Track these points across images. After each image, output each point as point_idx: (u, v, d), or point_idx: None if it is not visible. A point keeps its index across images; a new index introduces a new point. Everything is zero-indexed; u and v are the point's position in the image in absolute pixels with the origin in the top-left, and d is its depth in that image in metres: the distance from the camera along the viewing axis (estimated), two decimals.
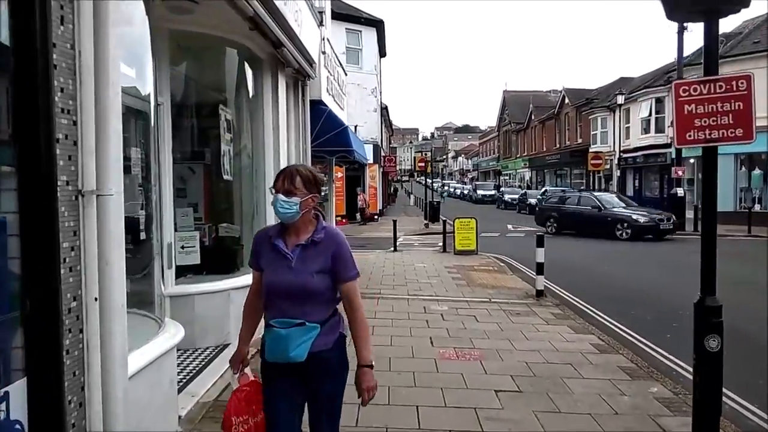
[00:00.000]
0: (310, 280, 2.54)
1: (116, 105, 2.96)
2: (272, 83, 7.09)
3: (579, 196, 22.63)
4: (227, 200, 7.27)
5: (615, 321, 7.92)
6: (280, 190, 2.58)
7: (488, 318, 7.62)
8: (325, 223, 2.69)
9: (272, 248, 2.64)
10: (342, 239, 2.68)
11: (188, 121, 6.92)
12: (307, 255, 2.59)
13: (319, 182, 2.68)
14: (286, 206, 2.57)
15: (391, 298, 8.84)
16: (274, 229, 2.73)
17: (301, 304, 2.55)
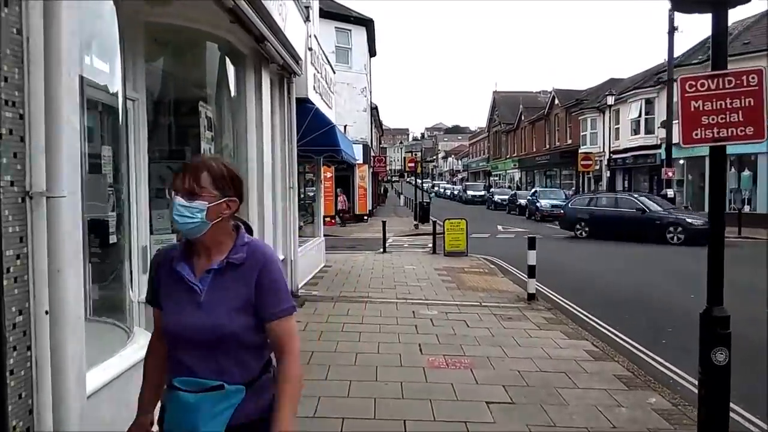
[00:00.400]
0: (226, 320, 1.80)
1: (72, 97, 2.68)
2: (255, 79, 6.82)
3: (616, 197, 21.34)
4: None
5: (607, 325, 7.72)
6: (180, 190, 1.83)
7: (479, 323, 7.38)
8: (249, 237, 1.96)
9: (174, 275, 1.88)
10: (270, 257, 1.93)
11: (167, 118, 6.62)
12: (223, 284, 1.85)
13: (238, 181, 1.94)
14: (187, 214, 1.81)
15: (380, 301, 8.58)
16: (178, 248, 1.98)
17: (217, 356, 1.82)
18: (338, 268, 12.30)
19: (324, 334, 6.57)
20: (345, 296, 8.93)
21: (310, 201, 12.97)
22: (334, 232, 22.58)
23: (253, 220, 6.83)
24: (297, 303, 8.27)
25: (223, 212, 1.86)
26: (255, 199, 6.84)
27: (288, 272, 8.47)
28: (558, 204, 29.50)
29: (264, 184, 6.95)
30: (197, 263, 1.90)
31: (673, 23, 21.87)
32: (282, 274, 1.97)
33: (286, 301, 1.91)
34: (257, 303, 1.84)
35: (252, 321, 1.85)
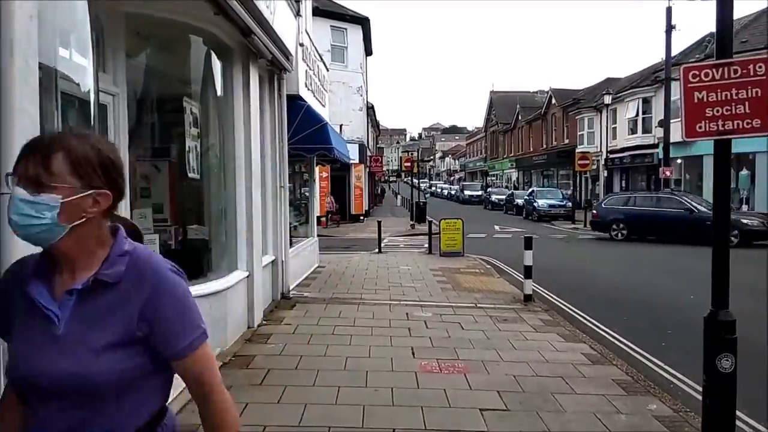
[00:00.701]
0: (92, 364, 1.28)
1: (30, 87, 2.49)
2: (243, 75, 6.62)
3: (658, 197, 20.34)
4: (195, 201, 6.78)
5: (605, 328, 7.54)
6: (22, 179, 1.27)
7: (474, 325, 7.19)
8: (132, 245, 1.42)
9: (25, 299, 1.34)
10: (163, 272, 1.40)
11: (151, 115, 6.42)
12: (92, 311, 1.32)
13: (114, 167, 1.38)
14: (31, 213, 1.26)
15: (372, 303, 8.39)
16: (33, 259, 1.41)
17: (84, 409, 1.31)
18: (332, 268, 12.10)
19: (314, 338, 6.37)
20: (337, 298, 8.73)
21: (305, 201, 12.75)
22: (329, 232, 22.38)
23: (241, 220, 6.63)
24: (288, 305, 8.07)
25: (88, 210, 1.31)
26: (243, 199, 6.64)
27: (279, 273, 8.28)
28: (555, 204, 29.38)
29: (252, 183, 6.75)
30: (58, 282, 1.35)
31: (671, 21, 21.71)
32: (185, 289, 1.45)
33: (196, 326, 1.44)
34: (153, 337, 1.34)
35: (135, 361, 1.33)
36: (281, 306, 7.98)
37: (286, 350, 5.90)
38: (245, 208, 6.67)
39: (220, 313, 5.81)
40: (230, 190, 6.59)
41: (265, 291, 7.63)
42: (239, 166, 6.58)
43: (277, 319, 7.23)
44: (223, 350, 5.76)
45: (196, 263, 6.21)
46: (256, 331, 6.59)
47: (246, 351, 5.85)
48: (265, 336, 6.40)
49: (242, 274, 6.55)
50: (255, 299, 6.76)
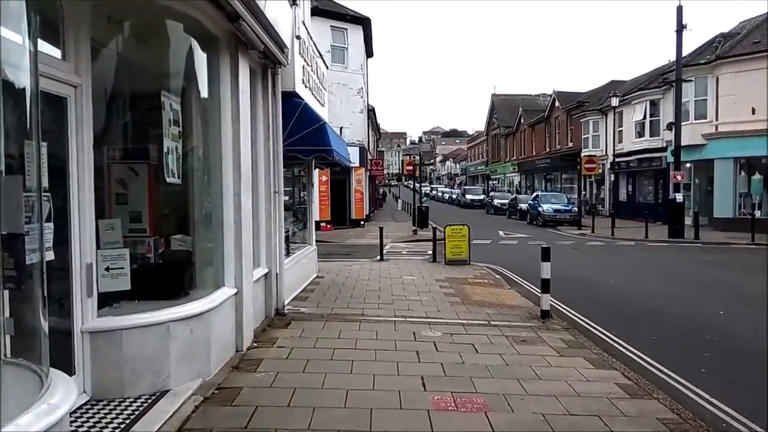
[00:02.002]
0: None
1: None
2: (231, 67, 5.88)
3: None
4: (177, 209, 6.05)
5: (635, 350, 6.80)
6: None
7: (489, 347, 6.44)
8: None
9: None
10: None
11: (127, 112, 5.70)
12: None
13: None
14: None
15: (375, 320, 7.63)
16: None
17: None
18: (331, 278, 11.35)
19: (310, 364, 5.61)
20: (337, 314, 7.97)
21: (305, 206, 12.00)
22: (329, 238, 21.63)
23: (229, 230, 5.89)
24: (282, 322, 7.31)
25: None
26: (231, 206, 5.90)
27: (273, 287, 7.53)
28: (561, 208, 28.62)
29: (242, 188, 6.00)
30: None
31: (682, 21, 20.98)
32: None
33: None
34: None
35: None
36: (275, 324, 7.22)
37: (278, 381, 5.14)
38: (233, 217, 5.93)
39: (202, 338, 5.06)
40: (216, 196, 5.85)
41: (256, 308, 6.88)
42: (226, 169, 5.84)
43: (269, 340, 6.47)
44: (205, 381, 5.01)
45: (177, 280, 5.46)
46: (245, 356, 5.83)
47: (232, 382, 5.09)
48: (254, 362, 5.63)
49: (229, 291, 5.80)
50: (244, 319, 6.01)
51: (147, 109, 5.68)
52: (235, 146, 5.92)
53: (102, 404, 4.39)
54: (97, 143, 5.31)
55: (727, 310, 9.02)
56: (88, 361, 4.44)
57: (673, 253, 17.11)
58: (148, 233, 5.69)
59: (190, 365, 4.91)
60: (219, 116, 5.80)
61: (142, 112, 5.79)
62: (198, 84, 5.76)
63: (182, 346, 4.83)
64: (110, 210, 5.53)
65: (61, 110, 4.24)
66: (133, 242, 5.65)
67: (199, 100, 5.82)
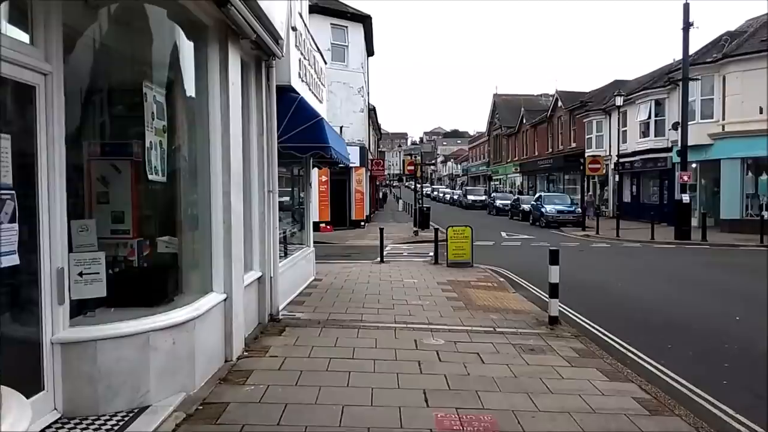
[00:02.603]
0: None
1: None
2: (221, 57, 5.50)
3: None
4: (163, 208, 5.65)
5: (650, 359, 6.40)
6: None
7: (496, 357, 6.04)
8: None
9: None
10: None
11: (109, 104, 5.32)
12: None
13: None
14: None
15: (375, 327, 7.24)
16: None
17: None
18: (329, 281, 10.96)
19: (304, 376, 5.21)
20: (334, 320, 7.58)
21: (302, 207, 11.62)
22: (329, 239, 21.26)
23: (218, 232, 5.50)
24: (276, 329, 6.92)
25: None
26: (220, 206, 5.51)
27: (266, 292, 7.14)
28: (564, 209, 28.21)
29: (232, 187, 5.61)
30: None
31: (689, 18, 20.59)
32: None
33: None
34: None
35: None
36: (268, 331, 6.83)
37: (269, 395, 4.75)
38: (223, 218, 5.54)
39: (186, 349, 4.67)
40: (204, 195, 5.47)
41: (248, 314, 6.49)
42: (215, 166, 5.45)
43: (261, 348, 6.08)
44: (189, 396, 4.62)
45: (160, 285, 5.07)
46: (234, 367, 5.44)
47: (218, 396, 4.70)
48: (244, 374, 5.24)
49: (218, 297, 5.41)
50: (234, 327, 5.62)
51: (130, 102, 5.29)
52: (225, 142, 5.53)
53: (74, 422, 4.01)
54: (75, 138, 4.97)
55: (743, 315, 8.63)
56: (59, 376, 4.06)
57: (681, 256, 16.69)
58: (132, 235, 5.30)
59: (172, 379, 4.53)
60: (207, 110, 5.42)
61: (124, 105, 5.41)
62: (184, 75, 5.38)
63: (164, 358, 4.44)
64: (91, 210, 5.16)
65: (29, 100, 3.85)
66: (115, 244, 5.30)
67: (185, 92, 5.44)
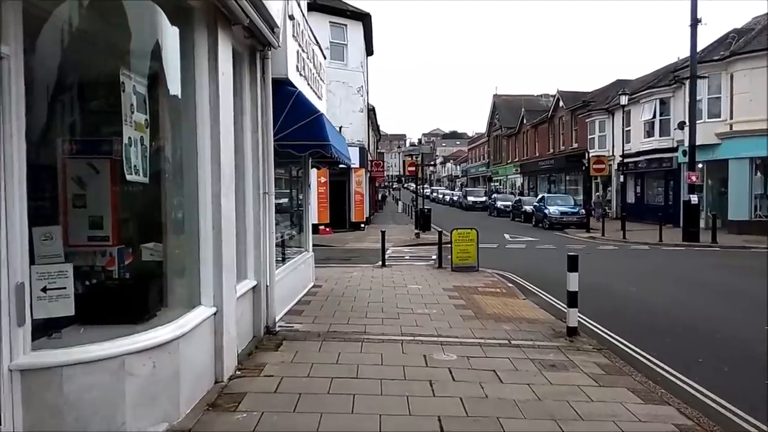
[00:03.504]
0: None
1: None
2: (210, 44, 4.95)
3: None
4: (148, 212, 5.10)
5: (683, 377, 5.85)
6: None
7: (514, 375, 5.48)
8: None
9: None
10: None
11: (84, 95, 4.75)
12: None
13: None
14: None
15: (380, 340, 6.67)
16: None
17: None
18: (329, 288, 10.40)
19: (303, 401, 4.65)
20: (336, 331, 7.02)
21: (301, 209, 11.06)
22: (328, 241, 20.70)
23: (207, 238, 4.94)
24: (273, 343, 6.36)
25: None
26: (209, 210, 4.95)
27: (262, 302, 6.58)
28: (568, 211, 27.67)
29: (222, 189, 5.06)
30: None
31: (696, 14, 20.06)
32: None
33: None
34: None
35: None
36: (264, 345, 6.27)
37: (263, 424, 4.18)
38: (212, 222, 4.98)
39: (169, 373, 4.11)
40: (191, 198, 4.91)
41: (242, 327, 5.94)
42: (203, 165, 4.90)
43: (256, 367, 5.51)
44: (173, 426, 4.06)
45: (140, 299, 4.50)
46: (225, 389, 4.88)
47: (205, 426, 4.14)
48: (235, 397, 4.68)
49: (207, 311, 4.85)
50: (225, 343, 5.06)
51: (109, 94, 4.71)
52: (214, 138, 4.98)
53: None
54: (44, 133, 4.44)
55: None
56: (19, 407, 3.49)
57: (692, 258, 16.15)
58: (111, 241, 4.75)
59: (152, 407, 3.96)
60: (194, 102, 4.87)
61: (103, 97, 4.84)
62: (168, 64, 4.83)
63: (142, 383, 3.87)
64: (65, 215, 4.62)
65: None
66: (92, 253, 4.76)
67: (170, 83, 4.88)
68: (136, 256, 5.00)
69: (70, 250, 4.65)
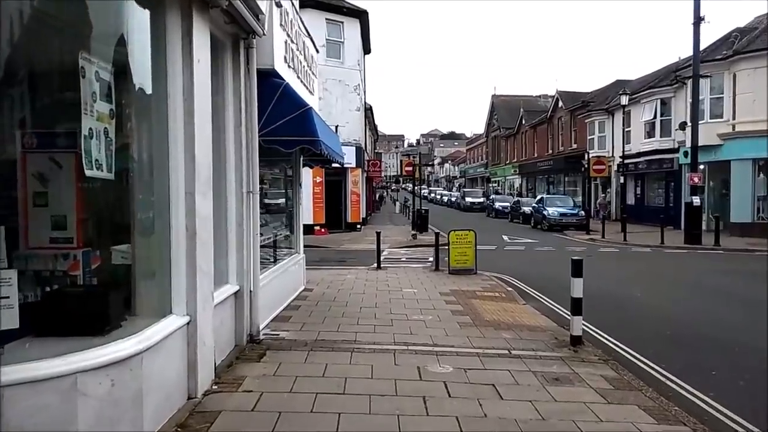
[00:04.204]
0: None
1: None
2: (184, 27, 4.52)
3: None
4: (116, 211, 4.66)
5: (698, 392, 5.42)
6: None
7: (516, 390, 5.06)
8: None
9: None
10: None
11: (45, 84, 4.32)
12: None
13: None
14: None
15: (371, 349, 6.24)
16: None
17: None
18: (321, 292, 9.96)
19: (283, 420, 4.22)
20: (324, 340, 6.58)
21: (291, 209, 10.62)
22: (323, 242, 20.28)
23: (179, 240, 4.51)
24: (255, 353, 5.92)
25: None
26: (182, 209, 4.52)
27: (245, 308, 6.14)
28: (567, 212, 27.28)
29: (197, 187, 4.62)
30: None
31: (699, 12, 19.68)
32: None
33: None
34: None
35: None
36: (246, 355, 5.83)
37: None
38: (185, 224, 4.55)
39: (130, 392, 3.67)
40: (162, 197, 4.47)
41: (221, 336, 5.50)
42: (175, 161, 4.47)
43: (234, 380, 5.07)
44: None
45: (103, 308, 4.05)
46: (198, 406, 4.44)
47: None
48: (209, 417, 4.24)
49: (178, 320, 4.42)
50: (199, 356, 4.62)
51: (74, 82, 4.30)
52: (188, 131, 4.54)
53: None
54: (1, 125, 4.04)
55: None
56: None
57: (696, 262, 15.75)
58: (76, 244, 4.33)
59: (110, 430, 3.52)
60: (165, 91, 4.44)
61: (67, 85, 4.41)
62: (136, 48, 4.38)
63: (98, 405, 3.43)
64: (25, 214, 4.20)
65: None
66: (54, 256, 4.34)
67: (138, 69, 4.43)
68: (104, 260, 4.57)
69: (30, 253, 4.27)
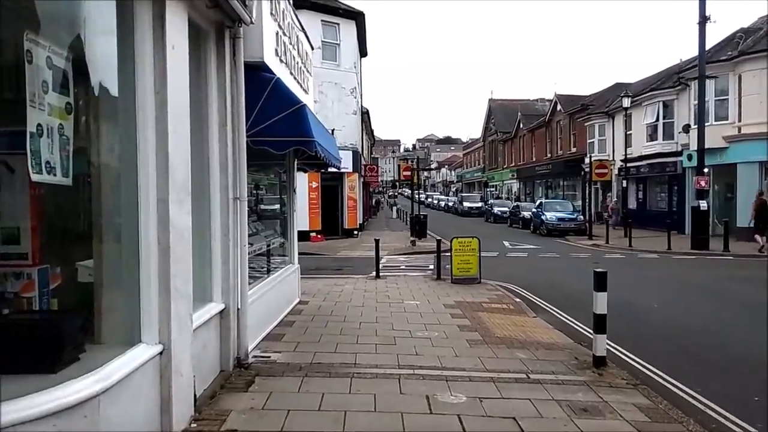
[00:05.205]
0: None
1: None
2: (155, 10, 3.88)
3: None
4: (77, 223, 4.02)
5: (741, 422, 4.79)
6: None
7: (539, 424, 4.42)
8: None
9: None
10: None
11: None
12: None
13: None
14: None
15: (373, 374, 5.59)
16: None
17: None
18: (317, 305, 9.31)
19: None
20: (321, 363, 5.92)
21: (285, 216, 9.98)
22: (319, 250, 19.63)
23: (149, 254, 3.86)
24: (243, 381, 5.26)
25: None
26: (153, 219, 3.87)
27: (231, 329, 5.48)
28: (565, 217, 26.71)
29: (171, 194, 3.98)
30: None
31: (705, 11, 19.16)
32: None
33: None
34: None
35: None
36: (232, 383, 5.17)
37: None
38: (158, 236, 3.90)
39: None
40: (129, 206, 3.83)
41: (203, 363, 4.84)
42: (144, 164, 3.82)
43: (218, 416, 4.41)
44: None
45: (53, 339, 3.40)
46: None
47: None
48: None
49: (148, 350, 3.76)
50: (174, 390, 3.96)
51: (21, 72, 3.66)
52: (160, 129, 3.90)
53: None
54: None
55: None
56: None
57: (707, 268, 15.13)
58: (31, 261, 3.68)
59: None
60: (134, 84, 3.80)
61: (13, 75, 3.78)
62: (98, 33, 3.75)
63: None
64: None
65: None
66: (3, 275, 3.70)
67: (102, 58, 3.80)
68: (65, 279, 3.92)
69: None
